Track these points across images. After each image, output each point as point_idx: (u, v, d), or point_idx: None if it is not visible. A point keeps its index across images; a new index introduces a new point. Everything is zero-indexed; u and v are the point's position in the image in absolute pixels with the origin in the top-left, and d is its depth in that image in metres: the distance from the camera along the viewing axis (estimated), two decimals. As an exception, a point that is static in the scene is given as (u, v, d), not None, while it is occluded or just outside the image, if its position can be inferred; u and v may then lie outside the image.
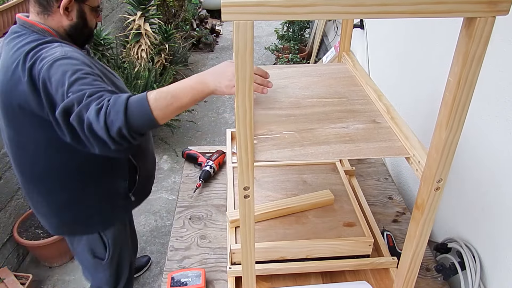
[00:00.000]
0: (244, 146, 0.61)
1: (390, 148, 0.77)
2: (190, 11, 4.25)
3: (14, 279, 1.81)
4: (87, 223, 1.26)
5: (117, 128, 0.88)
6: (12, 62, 0.99)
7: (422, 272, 1.06)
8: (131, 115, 0.89)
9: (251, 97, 0.57)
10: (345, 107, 0.90)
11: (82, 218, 1.24)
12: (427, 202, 0.67)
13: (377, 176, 1.41)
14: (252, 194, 0.66)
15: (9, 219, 2.00)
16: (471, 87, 0.55)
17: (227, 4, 0.47)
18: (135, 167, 1.25)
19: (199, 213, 1.26)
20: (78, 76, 0.94)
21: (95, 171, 1.17)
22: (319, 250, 0.97)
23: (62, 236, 1.36)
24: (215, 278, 1.05)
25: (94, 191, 1.20)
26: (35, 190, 1.20)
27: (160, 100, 0.90)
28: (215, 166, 1.42)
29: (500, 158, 0.90)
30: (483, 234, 0.98)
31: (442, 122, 0.60)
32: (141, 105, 0.89)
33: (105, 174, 1.19)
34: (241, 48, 0.51)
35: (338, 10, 0.48)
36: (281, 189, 1.14)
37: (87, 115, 0.89)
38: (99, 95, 0.92)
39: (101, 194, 1.22)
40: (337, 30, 3.40)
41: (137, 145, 1.03)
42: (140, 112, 0.89)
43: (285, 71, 1.09)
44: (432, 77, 1.24)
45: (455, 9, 0.49)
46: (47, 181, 1.16)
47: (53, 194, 1.18)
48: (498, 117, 0.90)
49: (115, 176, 1.22)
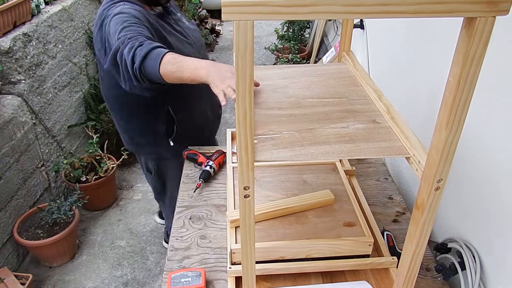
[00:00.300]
0: (244, 146, 0.61)
1: (390, 148, 0.77)
2: (190, 11, 4.25)
3: (14, 279, 1.81)
4: (138, 146, 1.63)
5: (134, 66, 1.09)
6: (98, 18, 1.32)
7: (422, 272, 1.06)
8: (147, 61, 1.09)
9: (251, 98, 0.57)
10: (345, 107, 0.90)
11: (135, 141, 1.60)
12: (427, 202, 0.67)
13: (377, 176, 1.41)
14: (252, 194, 0.66)
15: (9, 219, 2.00)
16: (471, 87, 0.55)
17: (228, 4, 0.47)
18: (173, 118, 1.48)
19: (199, 213, 1.26)
20: (125, 25, 1.18)
21: (135, 107, 1.46)
22: (319, 250, 0.97)
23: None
24: (215, 278, 1.05)
25: (137, 123, 1.52)
26: (110, 111, 1.60)
27: (169, 64, 1.07)
28: (215, 166, 1.42)
29: (500, 158, 0.90)
30: (483, 234, 0.98)
31: (442, 122, 0.60)
32: (155, 58, 1.08)
33: (145, 112, 1.47)
34: (241, 48, 0.51)
35: (339, 10, 0.48)
36: (281, 189, 1.14)
37: (124, 52, 1.12)
38: (137, 37, 1.13)
39: (142, 128, 1.53)
40: (337, 30, 3.40)
41: (174, 97, 1.41)
42: (152, 63, 1.08)
43: (285, 71, 1.09)
44: (432, 77, 1.24)
45: (455, 9, 0.49)
46: (112, 106, 1.54)
47: (116, 118, 1.57)
48: (498, 117, 0.90)
49: (154, 117, 1.49)
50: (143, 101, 1.37)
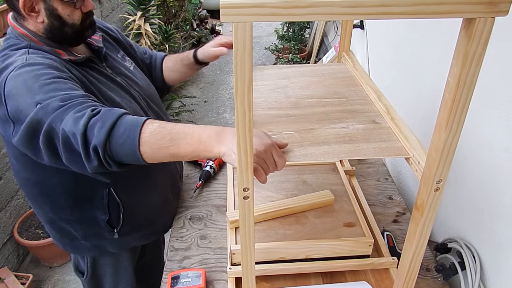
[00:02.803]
0: (244, 147, 0.61)
1: (389, 148, 0.77)
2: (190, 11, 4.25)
3: (14, 279, 1.81)
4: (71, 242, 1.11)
5: (91, 146, 0.74)
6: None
7: (422, 272, 1.06)
8: (115, 137, 0.74)
9: (250, 99, 0.57)
10: (345, 107, 0.90)
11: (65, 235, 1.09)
12: (427, 202, 0.67)
13: (377, 176, 1.41)
14: (252, 195, 0.66)
15: (9, 219, 2.01)
16: (471, 87, 0.55)
17: (226, 5, 0.47)
18: (117, 203, 1.04)
19: (199, 213, 1.26)
20: (43, 82, 0.79)
21: (63, 193, 1.01)
22: (319, 250, 0.97)
23: None
24: (215, 278, 1.05)
25: (67, 213, 1.04)
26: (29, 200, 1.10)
27: (155, 137, 0.74)
28: (215, 166, 1.42)
29: (501, 158, 0.90)
30: (483, 234, 0.98)
31: (441, 123, 0.60)
32: (131, 131, 0.74)
33: (76, 198, 1.02)
34: (240, 49, 0.51)
35: (337, 11, 0.48)
36: (281, 190, 1.14)
37: (65, 126, 0.75)
38: (75, 100, 0.78)
39: (75, 218, 1.05)
40: (337, 30, 3.40)
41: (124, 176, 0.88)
42: (126, 139, 0.74)
43: (285, 71, 1.09)
44: (433, 77, 1.24)
45: (455, 9, 0.49)
46: (30, 194, 1.05)
47: (37, 208, 1.08)
48: (498, 117, 0.90)
49: (89, 205, 1.03)
50: (73, 183, 0.98)
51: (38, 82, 0.78)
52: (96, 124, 0.74)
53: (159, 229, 1.24)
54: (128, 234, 1.11)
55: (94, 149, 0.74)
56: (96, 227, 1.06)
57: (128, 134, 0.74)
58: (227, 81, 4.02)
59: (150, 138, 0.74)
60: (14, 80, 0.80)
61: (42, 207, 1.05)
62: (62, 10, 0.90)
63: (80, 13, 0.93)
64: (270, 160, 0.72)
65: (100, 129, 0.73)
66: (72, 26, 0.93)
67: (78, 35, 0.95)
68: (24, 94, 0.78)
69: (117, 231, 1.08)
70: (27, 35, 0.91)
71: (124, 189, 1.05)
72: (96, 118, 0.75)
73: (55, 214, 1.05)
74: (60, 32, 0.92)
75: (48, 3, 0.88)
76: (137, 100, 1.04)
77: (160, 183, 1.16)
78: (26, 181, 1.02)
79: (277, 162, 0.73)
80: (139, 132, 0.74)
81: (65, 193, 1.00)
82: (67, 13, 0.91)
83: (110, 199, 1.03)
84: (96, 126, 0.74)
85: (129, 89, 1.03)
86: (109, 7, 3.46)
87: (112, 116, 0.75)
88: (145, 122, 0.75)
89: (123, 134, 0.74)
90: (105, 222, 1.05)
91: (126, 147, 0.74)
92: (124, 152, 0.75)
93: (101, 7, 3.27)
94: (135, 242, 1.19)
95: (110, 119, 0.74)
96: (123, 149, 0.75)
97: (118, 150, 0.75)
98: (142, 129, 0.74)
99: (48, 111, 0.76)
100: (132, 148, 0.74)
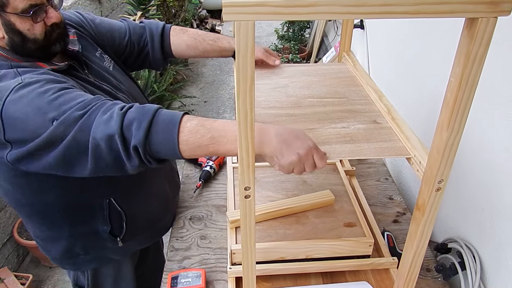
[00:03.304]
0: (245, 146, 0.61)
1: (391, 148, 0.77)
2: (190, 11, 4.25)
3: (14, 279, 1.81)
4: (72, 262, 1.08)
5: (134, 144, 0.72)
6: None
7: (422, 272, 1.06)
8: (154, 136, 0.72)
9: (252, 98, 0.57)
10: (346, 107, 0.90)
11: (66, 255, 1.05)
12: (428, 202, 0.67)
13: (378, 176, 1.41)
14: (253, 194, 0.66)
15: (9, 219, 2.00)
16: (473, 87, 0.55)
17: (228, 4, 0.47)
18: (119, 212, 1.01)
19: (199, 213, 1.26)
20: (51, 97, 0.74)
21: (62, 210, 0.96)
22: (319, 250, 0.97)
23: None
24: (215, 278, 1.05)
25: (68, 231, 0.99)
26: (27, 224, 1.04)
27: (195, 135, 0.72)
28: (215, 166, 1.41)
29: (501, 158, 0.90)
30: (483, 234, 0.98)
31: (443, 123, 0.60)
32: (169, 129, 0.72)
33: (75, 215, 0.98)
34: (242, 49, 0.51)
35: (339, 11, 0.48)
36: (282, 189, 1.14)
37: (92, 135, 0.72)
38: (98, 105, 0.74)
39: (76, 234, 1.01)
40: (337, 30, 3.40)
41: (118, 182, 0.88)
42: (165, 137, 0.72)
43: (285, 70, 1.09)
44: (434, 77, 1.23)
45: (457, 9, 0.49)
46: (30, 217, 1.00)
47: (29, 227, 1.04)
48: (499, 117, 0.90)
49: (90, 218, 1.00)
50: (70, 199, 0.95)
51: (45, 99, 0.74)
52: (132, 124, 0.72)
53: (163, 227, 1.22)
54: (132, 239, 1.08)
55: (135, 149, 0.72)
56: (98, 239, 1.03)
57: (167, 132, 0.72)
58: (227, 81, 4.01)
59: (190, 137, 0.72)
60: (16, 103, 0.74)
61: (40, 227, 1.01)
62: (20, 24, 0.81)
63: (42, 27, 0.84)
64: (310, 163, 0.71)
65: (138, 128, 0.71)
66: (35, 41, 0.83)
67: (44, 50, 0.86)
68: (32, 115, 0.73)
69: (120, 239, 1.05)
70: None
71: (125, 197, 1.02)
72: (130, 117, 0.72)
73: (53, 232, 1.01)
74: (23, 48, 0.83)
75: (5, 18, 0.79)
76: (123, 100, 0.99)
77: (160, 183, 1.15)
78: (17, 202, 0.96)
79: (317, 164, 0.71)
80: (178, 131, 0.72)
81: (62, 210, 0.96)
82: (27, 27, 0.81)
83: (111, 209, 0.99)
84: (133, 126, 0.72)
85: (116, 94, 0.97)
86: (109, 7, 3.46)
87: (147, 114, 0.73)
88: (182, 119, 0.73)
89: (161, 133, 0.72)
90: (107, 232, 1.02)
91: (166, 146, 0.73)
92: (164, 150, 0.74)
93: (101, 7, 3.27)
94: (138, 246, 1.17)
95: (146, 117, 0.72)
96: (163, 148, 0.73)
97: (158, 148, 0.73)
98: (180, 127, 0.72)
99: (68, 124, 0.72)
100: (172, 147, 0.72)
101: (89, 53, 1.00)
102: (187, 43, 1.15)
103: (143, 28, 1.14)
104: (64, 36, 0.90)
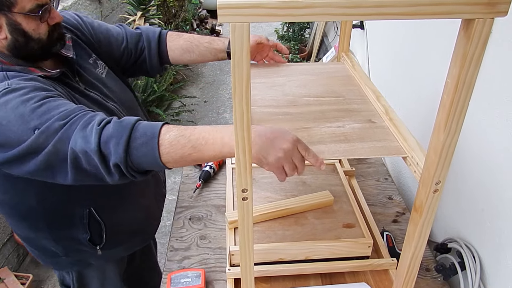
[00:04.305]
0: (242, 147, 0.61)
1: (385, 147, 0.77)
2: (190, 11, 4.25)
3: (14, 279, 1.81)
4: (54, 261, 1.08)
5: (114, 162, 0.71)
6: None
7: (422, 272, 1.06)
8: (134, 150, 0.71)
9: (248, 98, 0.57)
10: (342, 106, 0.90)
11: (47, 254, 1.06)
12: (425, 204, 0.67)
13: (377, 176, 1.41)
14: (251, 196, 0.66)
15: (9, 220, 2.01)
16: (470, 89, 0.55)
17: (223, 6, 0.47)
18: (98, 222, 1.00)
19: (199, 213, 1.26)
20: (33, 105, 0.73)
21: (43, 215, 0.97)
22: (318, 251, 0.97)
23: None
24: (215, 278, 1.05)
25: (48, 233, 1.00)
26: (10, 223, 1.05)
27: (175, 147, 0.71)
28: (215, 167, 1.41)
29: (501, 158, 0.90)
30: (483, 234, 0.98)
31: (440, 125, 0.60)
32: (149, 142, 0.71)
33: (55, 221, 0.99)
34: (237, 50, 0.51)
35: (335, 12, 0.48)
36: (280, 190, 1.14)
37: (71, 146, 0.72)
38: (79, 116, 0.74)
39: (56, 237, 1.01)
40: (337, 30, 3.40)
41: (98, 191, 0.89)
42: (145, 151, 0.71)
43: (282, 69, 1.09)
44: (433, 77, 1.23)
45: (453, 10, 0.49)
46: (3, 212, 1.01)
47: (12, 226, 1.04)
48: (499, 117, 0.90)
49: (69, 226, 1.00)
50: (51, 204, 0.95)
51: (28, 107, 0.73)
52: (110, 140, 0.71)
53: (146, 237, 1.22)
54: (112, 248, 1.08)
55: (115, 166, 0.72)
56: (77, 244, 1.02)
57: (146, 146, 0.71)
58: (227, 81, 4.01)
59: (171, 149, 0.71)
60: (0, 108, 0.74)
61: (20, 227, 1.01)
62: (26, 24, 0.81)
63: (46, 27, 0.85)
64: (297, 155, 0.71)
65: (117, 145, 0.71)
66: (39, 41, 0.84)
67: (45, 50, 0.87)
68: (14, 121, 0.73)
69: (99, 248, 1.04)
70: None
71: (106, 208, 1.01)
72: (108, 133, 0.71)
73: (33, 233, 1.01)
74: (25, 48, 0.84)
75: (11, 18, 0.79)
76: (115, 114, 0.97)
77: (143, 195, 1.13)
78: (0, 202, 0.96)
79: (303, 154, 0.71)
80: (158, 144, 0.71)
81: (43, 214, 0.96)
82: (32, 27, 0.82)
83: (91, 219, 0.99)
84: (111, 142, 0.71)
85: (105, 103, 0.95)
86: (109, 7, 3.46)
87: (125, 129, 0.72)
88: (161, 131, 0.72)
89: (141, 147, 0.72)
90: (87, 240, 1.01)
91: (147, 159, 0.72)
92: (146, 164, 0.74)
93: (101, 7, 3.27)
94: (120, 254, 1.16)
95: (124, 133, 0.71)
96: (145, 162, 0.73)
97: (140, 162, 0.73)
98: (160, 140, 0.71)
99: (49, 134, 0.72)
100: (154, 161, 0.72)
101: (83, 60, 0.99)
102: (183, 47, 1.14)
103: (139, 35, 1.14)
104: (63, 36, 0.91)
